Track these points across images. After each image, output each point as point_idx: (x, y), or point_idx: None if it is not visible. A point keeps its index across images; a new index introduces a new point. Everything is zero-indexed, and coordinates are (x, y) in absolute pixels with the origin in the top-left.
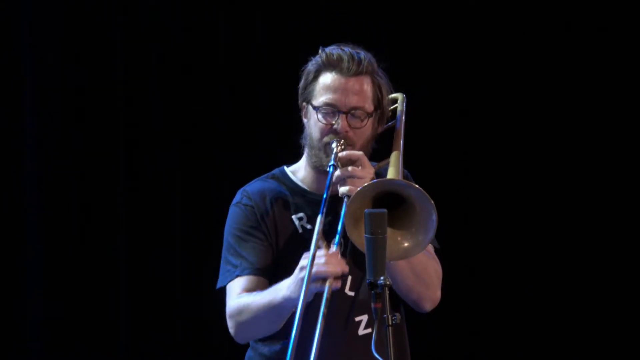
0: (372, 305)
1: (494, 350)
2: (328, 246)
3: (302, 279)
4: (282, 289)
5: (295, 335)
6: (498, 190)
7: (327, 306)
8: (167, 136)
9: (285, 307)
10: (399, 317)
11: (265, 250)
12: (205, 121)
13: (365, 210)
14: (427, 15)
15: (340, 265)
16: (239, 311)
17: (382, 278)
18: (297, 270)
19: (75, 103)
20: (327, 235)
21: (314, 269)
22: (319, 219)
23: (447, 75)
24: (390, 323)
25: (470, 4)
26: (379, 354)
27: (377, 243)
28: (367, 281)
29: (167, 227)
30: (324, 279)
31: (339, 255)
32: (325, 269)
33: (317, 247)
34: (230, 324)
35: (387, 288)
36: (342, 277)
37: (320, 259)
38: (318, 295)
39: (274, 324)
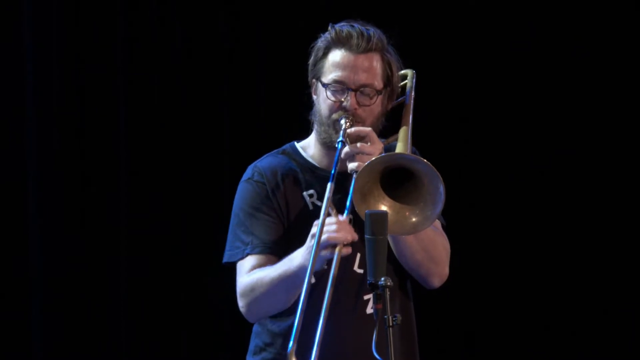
0: (373, 306)
1: (497, 342)
2: (337, 214)
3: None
4: (296, 258)
5: (303, 303)
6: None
7: (337, 272)
8: (169, 132)
9: (299, 276)
10: (400, 318)
11: (276, 227)
12: (210, 116)
13: (366, 211)
14: None
15: (350, 232)
16: (252, 287)
17: (382, 279)
18: (309, 238)
19: (76, 102)
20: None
21: (324, 236)
22: (328, 186)
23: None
24: (391, 324)
25: None
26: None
27: (378, 244)
28: (368, 282)
29: (168, 226)
30: (334, 246)
31: (349, 223)
32: (335, 235)
33: (327, 214)
34: (242, 302)
35: (387, 289)
36: (352, 253)
37: (330, 226)
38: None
39: (288, 296)
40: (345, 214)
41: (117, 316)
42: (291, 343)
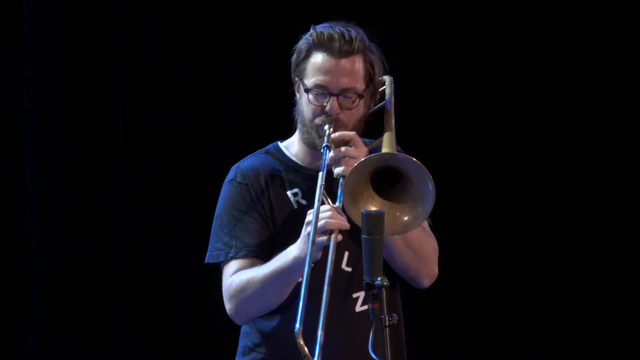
0: (370, 305)
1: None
2: (331, 202)
3: (309, 233)
4: (291, 251)
5: (306, 286)
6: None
7: (334, 258)
8: (168, 131)
9: (295, 269)
10: (396, 317)
11: (260, 229)
12: (208, 115)
13: (363, 211)
14: None
15: (344, 220)
16: (242, 288)
17: (379, 279)
18: (304, 227)
19: (74, 101)
20: None
21: (320, 222)
22: (320, 174)
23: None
24: (387, 324)
25: None
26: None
27: (374, 244)
28: (365, 282)
29: (166, 227)
30: (330, 232)
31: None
32: (332, 221)
33: (321, 202)
34: (230, 305)
35: (384, 289)
36: (340, 251)
37: (325, 213)
38: (319, 269)
39: (282, 293)
40: (338, 196)
41: (115, 316)
42: (297, 325)
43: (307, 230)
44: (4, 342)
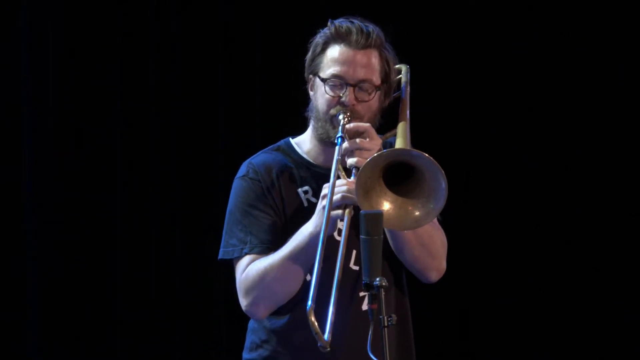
0: (368, 306)
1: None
2: (346, 177)
3: (324, 207)
4: (306, 228)
5: (319, 262)
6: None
7: (347, 233)
8: (166, 131)
9: (311, 245)
10: (395, 318)
11: (273, 224)
12: (205, 113)
13: (361, 211)
14: None
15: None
16: (261, 277)
17: (378, 279)
18: (319, 201)
19: (72, 101)
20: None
21: (337, 196)
22: (337, 149)
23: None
24: (386, 324)
25: None
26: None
27: (373, 244)
28: (363, 282)
29: (166, 226)
30: (345, 207)
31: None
32: (348, 194)
33: (337, 177)
34: (249, 298)
35: (382, 289)
36: (347, 250)
37: (341, 187)
38: (327, 266)
39: (300, 274)
40: (352, 177)
41: (114, 316)
42: (309, 302)
43: (322, 203)
44: (4, 342)
